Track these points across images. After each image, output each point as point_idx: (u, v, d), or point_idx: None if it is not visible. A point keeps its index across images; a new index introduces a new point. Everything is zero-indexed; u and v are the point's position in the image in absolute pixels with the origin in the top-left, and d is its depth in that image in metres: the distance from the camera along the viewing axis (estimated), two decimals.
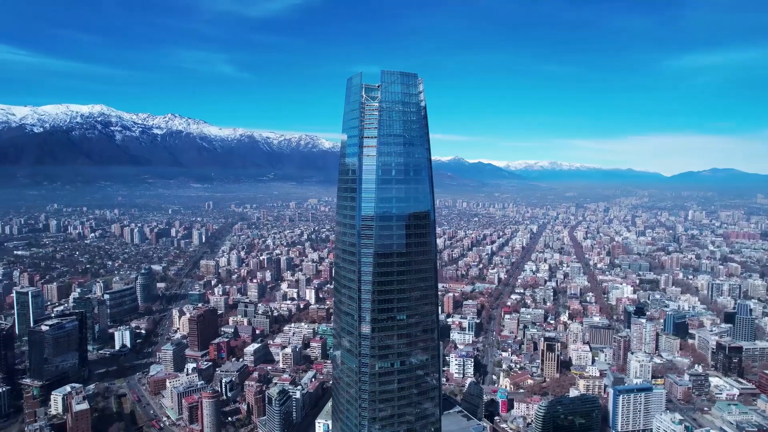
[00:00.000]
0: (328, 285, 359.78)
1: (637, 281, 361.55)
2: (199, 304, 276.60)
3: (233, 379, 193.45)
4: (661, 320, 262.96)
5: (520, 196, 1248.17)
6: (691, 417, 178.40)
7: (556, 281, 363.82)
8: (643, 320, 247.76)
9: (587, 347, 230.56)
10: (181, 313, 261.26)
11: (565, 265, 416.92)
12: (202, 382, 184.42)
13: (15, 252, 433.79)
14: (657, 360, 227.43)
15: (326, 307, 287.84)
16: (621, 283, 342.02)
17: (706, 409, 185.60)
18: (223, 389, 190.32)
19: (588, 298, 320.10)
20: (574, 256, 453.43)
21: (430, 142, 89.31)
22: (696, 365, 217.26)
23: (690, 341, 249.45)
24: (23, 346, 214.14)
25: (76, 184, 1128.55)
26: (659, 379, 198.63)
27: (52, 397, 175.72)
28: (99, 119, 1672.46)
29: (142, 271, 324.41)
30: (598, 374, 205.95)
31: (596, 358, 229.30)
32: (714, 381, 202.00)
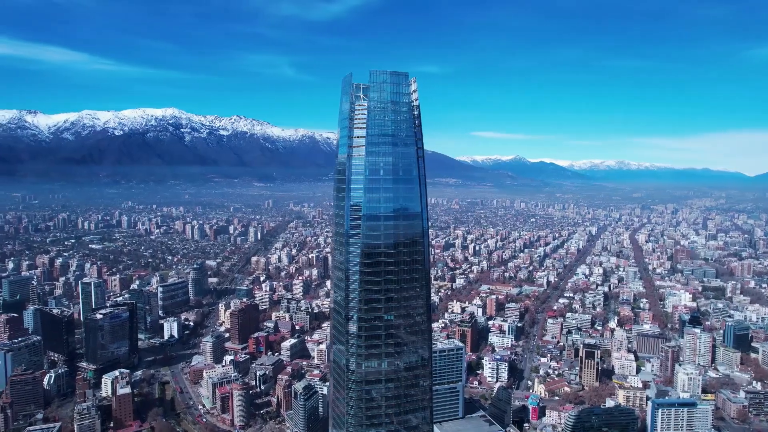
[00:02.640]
0: None
1: (700, 288, 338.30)
2: (244, 299, 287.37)
3: (267, 372, 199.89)
4: (721, 331, 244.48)
5: (582, 196, 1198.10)
6: None
7: (609, 286, 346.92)
8: (698, 330, 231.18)
9: (632, 356, 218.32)
10: (227, 307, 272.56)
11: (621, 269, 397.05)
12: (236, 373, 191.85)
13: (90, 245, 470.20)
14: (712, 374, 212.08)
15: None
16: (680, 290, 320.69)
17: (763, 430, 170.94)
18: (258, 382, 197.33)
19: (641, 305, 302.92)
20: (633, 260, 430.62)
21: (422, 141, 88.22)
22: (756, 382, 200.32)
23: (753, 355, 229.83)
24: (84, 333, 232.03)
25: (149, 183, 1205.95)
26: (710, 395, 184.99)
27: (102, 380, 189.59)
28: (171, 122, 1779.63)
29: (194, 266, 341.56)
30: (640, 385, 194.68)
31: (642, 368, 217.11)
32: None
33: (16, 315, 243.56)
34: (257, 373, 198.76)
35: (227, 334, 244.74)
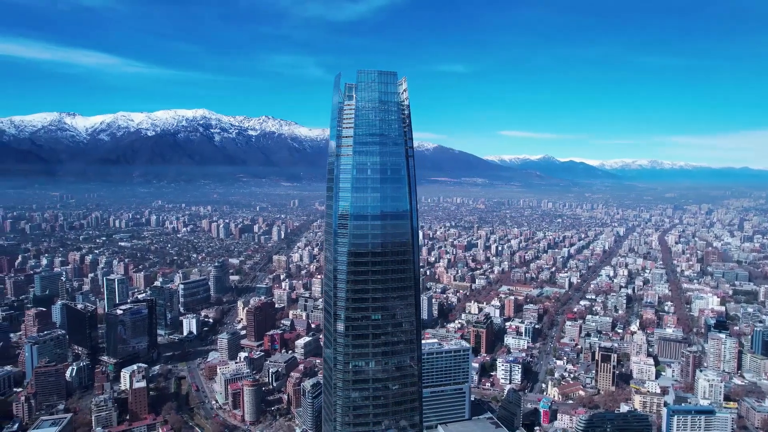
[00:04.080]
0: None
1: (730, 292, 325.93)
2: (262, 297, 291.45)
3: (280, 369, 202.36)
4: (750, 337, 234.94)
5: (612, 196, 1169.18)
6: None
7: (633, 288, 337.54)
8: (723, 335, 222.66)
9: (651, 360, 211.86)
10: (245, 305, 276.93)
11: (647, 271, 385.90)
12: (248, 370, 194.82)
13: (119, 243, 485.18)
14: (737, 381, 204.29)
15: None
16: (708, 293, 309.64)
17: None
18: (270, 379, 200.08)
19: (666, 308, 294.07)
20: (660, 262, 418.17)
21: (411, 140, 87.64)
22: None
23: None
24: None
25: (180, 183, 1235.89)
26: (732, 403, 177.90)
27: (121, 374, 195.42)
28: (201, 122, 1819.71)
29: (216, 264, 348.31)
30: (658, 391, 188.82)
31: (662, 374, 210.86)
32: None
33: (44, 309, 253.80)
34: (270, 370, 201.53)
35: (243, 332, 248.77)
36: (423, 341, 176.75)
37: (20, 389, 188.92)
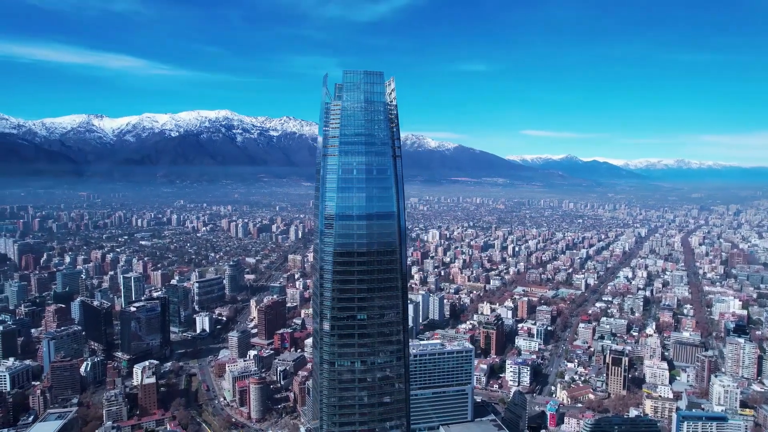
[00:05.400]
0: None
1: (754, 295, 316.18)
2: (275, 296, 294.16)
3: (288, 368, 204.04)
4: None
5: (636, 197, 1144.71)
6: None
7: (652, 290, 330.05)
8: (742, 339, 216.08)
9: (665, 364, 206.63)
10: (258, 304, 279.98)
11: (667, 272, 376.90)
12: (256, 368, 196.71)
13: (140, 242, 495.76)
14: (756, 387, 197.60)
15: None
16: (730, 296, 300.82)
17: None
18: (278, 377, 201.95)
19: (685, 311, 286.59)
20: (682, 264, 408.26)
21: (399, 140, 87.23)
22: None
23: None
24: None
25: (202, 183, 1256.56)
26: (748, 410, 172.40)
27: (133, 370, 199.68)
28: (223, 123, 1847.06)
29: (231, 263, 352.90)
30: (671, 396, 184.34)
31: (677, 378, 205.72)
32: None
33: (64, 306, 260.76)
34: (278, 369, 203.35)
35: (255, 330, 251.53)
36: (426, 342, 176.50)
37: (38, 383, 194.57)
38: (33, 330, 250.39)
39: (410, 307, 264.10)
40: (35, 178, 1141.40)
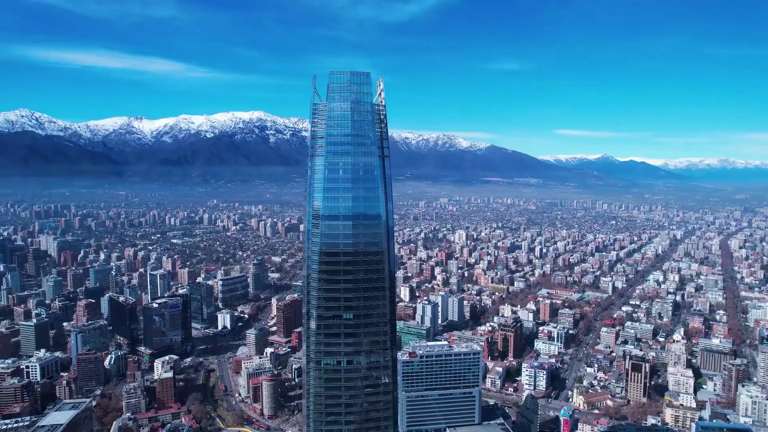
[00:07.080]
0: (426, 284, 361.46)
1: None
2: (296, 295, 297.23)
3: (303, 365, 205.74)
4: None
5: (674, 198, 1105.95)
6: None
7: (683, 294, 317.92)
8: None
9: (690, 372, 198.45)
10: (279, 302, 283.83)
11: (701, 276, 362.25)
12: (270, 366, 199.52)
13: (172, 240, 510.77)
14: None
15: (414, 305, 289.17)
16: None
17: None
18: (293, 375, 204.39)
19: (718, 317, 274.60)
20: (719, 268, 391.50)
21: (387, 141, 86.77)
22: None
23: None
24: None
25: (235, 183, 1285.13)
26: None
27: (154, 364, 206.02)
28: (257, 124, 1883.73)
29: (255, 261, 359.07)
30: (694, 405, 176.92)
31: (703, 387, 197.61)
32: None
33: (94, 301, 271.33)
34: (293, 366, 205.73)
35: (274, 328, 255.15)
36: (433, 343, 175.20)
37: (65, 374, 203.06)
38: (65, 323, 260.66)
39: (429, 308, 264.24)
40: (79, 178, 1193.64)
